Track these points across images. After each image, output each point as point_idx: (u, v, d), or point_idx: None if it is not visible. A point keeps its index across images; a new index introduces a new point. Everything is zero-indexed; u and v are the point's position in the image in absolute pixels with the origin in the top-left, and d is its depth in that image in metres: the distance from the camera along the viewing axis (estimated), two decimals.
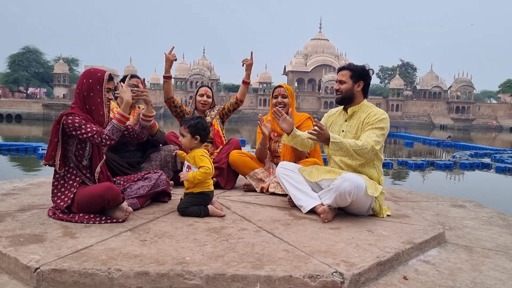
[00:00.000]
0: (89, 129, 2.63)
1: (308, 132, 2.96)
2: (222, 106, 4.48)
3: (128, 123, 3.02)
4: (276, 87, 3.94)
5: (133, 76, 3.55)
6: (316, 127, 2.86)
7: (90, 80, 2.75)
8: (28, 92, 66.77)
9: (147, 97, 3.18)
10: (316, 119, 3.02)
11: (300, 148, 3.29)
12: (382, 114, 3.12)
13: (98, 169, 2.79)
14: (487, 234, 3.00)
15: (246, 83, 4.37)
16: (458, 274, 2.24)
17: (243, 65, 4.29)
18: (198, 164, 2.89)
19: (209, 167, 2.88)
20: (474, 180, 13.63)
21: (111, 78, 2.84)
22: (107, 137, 2.68)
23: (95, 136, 2.65)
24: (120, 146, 3.58)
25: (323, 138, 2.91)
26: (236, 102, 4.42)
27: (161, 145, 3.97)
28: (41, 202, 3.14)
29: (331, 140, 2.89)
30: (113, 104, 3.67)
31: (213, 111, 4.38)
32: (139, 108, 3.79)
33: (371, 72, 3.24)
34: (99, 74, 2.78)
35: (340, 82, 3.21)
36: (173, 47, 4.03)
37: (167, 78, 4.14)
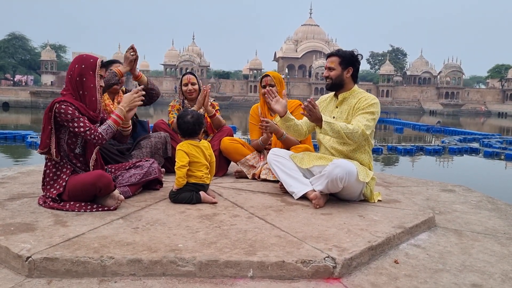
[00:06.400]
0: (81, 124, 2.61)
1: (302, 107, 2.93)
2: (214, 104, 4.15)
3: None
4: (263, 77, 3.89)
5: (114, 62, 3.73)
6: (309, 104, 2.84)
7: (83, 66, 2.70)
8: (15, 79, 65.63)
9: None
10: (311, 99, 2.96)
11: (294, 135, 3.28)
12: (372, 99, 3.12)
13: (93, 156, 2.76)
14: (476, 218, 3.05)
15: (211, 117, 4.04)
16: (448, 257, 2.28)
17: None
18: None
19: (179, 161, 2.84)
20: (463, 165, 13.80)
21: (103, 65, 2.81)
22: (100, 135, 2.66)
23: (88, 132, 2.62)
24: None
25: (314, 116, 2.90)
26: None
27: (150, 132, 3.96)
28: (31, 191, 3.11)
29: (323, 120, 2.89)
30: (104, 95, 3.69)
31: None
32: (123, 92, 3.86)
33: (360, 57, 3.22)
34: (91, 60, 2.74)
35: (329, 69, 3.19)
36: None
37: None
